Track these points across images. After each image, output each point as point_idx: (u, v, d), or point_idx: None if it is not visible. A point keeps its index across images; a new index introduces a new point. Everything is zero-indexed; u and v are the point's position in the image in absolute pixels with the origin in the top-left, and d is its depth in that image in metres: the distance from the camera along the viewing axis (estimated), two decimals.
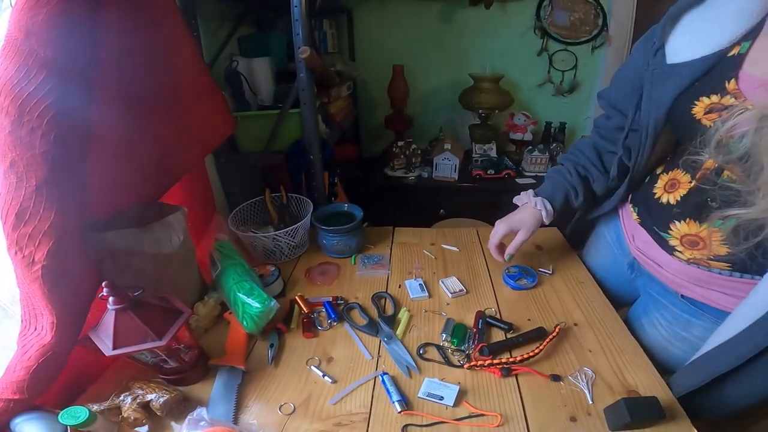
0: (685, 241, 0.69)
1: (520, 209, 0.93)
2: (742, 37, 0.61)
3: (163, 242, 0.76)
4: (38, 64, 0.51)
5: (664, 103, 0.68)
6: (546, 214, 0.88)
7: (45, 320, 0.58)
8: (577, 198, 0.89)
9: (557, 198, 0.90)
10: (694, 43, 0.65)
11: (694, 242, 0.67)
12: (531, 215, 0.89)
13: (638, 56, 0.76)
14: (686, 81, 0.65)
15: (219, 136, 1.10)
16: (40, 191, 0.54)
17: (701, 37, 0.64)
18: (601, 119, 0.90)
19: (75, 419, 0.54)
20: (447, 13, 2.07)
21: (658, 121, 0.70)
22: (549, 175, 0.94)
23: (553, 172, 0.93)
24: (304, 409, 0.67)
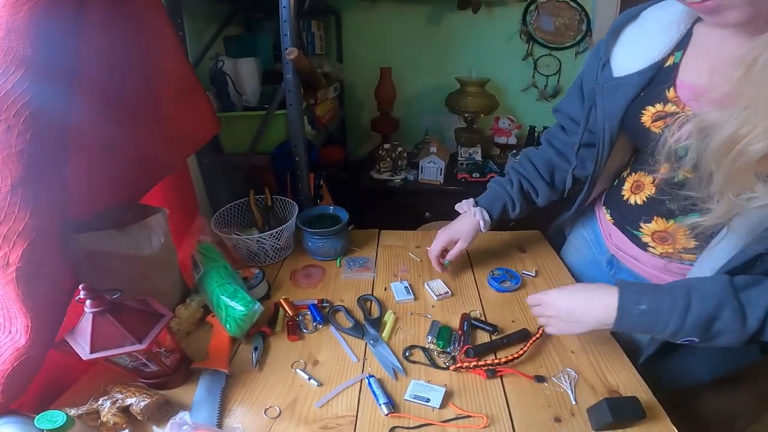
0: (656, 237, 0.72)
1: (459, 218, 0.96)
2: (674, 48, 0.66)
3: (143, 244, 0.74)
4: (17, 62, 0.50)
5: (616, 114, 0.71)
6: (483, 224, 0.92)
7: (20, 323, 0.56)
8: (514, 210, 0.94)
9: (495, 208, 0.94)
10: (634, 56, 0.69)
11: (664, 238, 0.71)
12: (469, 225, 0.93)
13: (588, 70, 0.80)
14: (632, 92, 0.69)
15: (202, 137, 1.09)
16: (15, 191, 0.52)
17: (639, 50, 0.69)
18: (557, 133, 0.93)
19: (52, 424, 0.52)
20: (435, 16, 2.09)
21: (612, 130, 0.74)
22: (490, 185, 0.98)
23: (494, 183, 0.97)
24: (290, 413, 0.66)
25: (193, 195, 1.14)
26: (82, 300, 0.59)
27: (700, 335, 0.56)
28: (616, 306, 0.61)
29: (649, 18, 0.70)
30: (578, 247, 1.02)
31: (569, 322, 0.67)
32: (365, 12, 2.10)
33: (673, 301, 0.57)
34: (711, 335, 0.56)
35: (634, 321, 0.60)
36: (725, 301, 0.54)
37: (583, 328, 0.66)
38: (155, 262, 0.77)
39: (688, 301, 0.56)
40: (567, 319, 0.67)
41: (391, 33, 2.14)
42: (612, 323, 0.62)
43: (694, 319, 0.56)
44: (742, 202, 0.50)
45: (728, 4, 0.49)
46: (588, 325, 0.65)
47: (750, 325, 0.53)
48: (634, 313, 0.60)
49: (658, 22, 0.68)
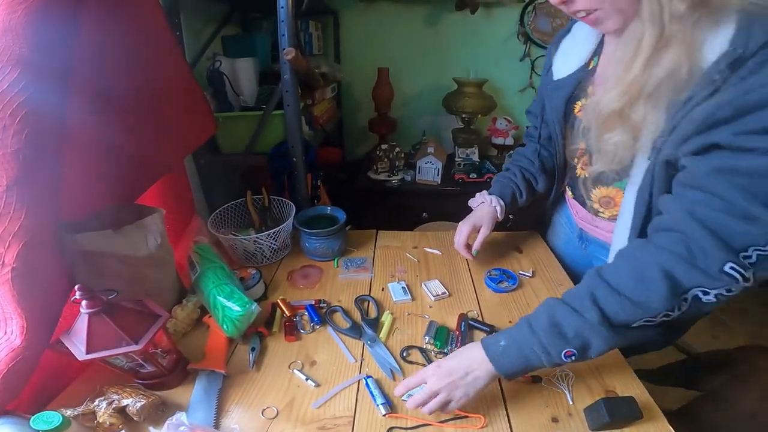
0: (602, 203, 0.84)
1: (476, 209, 1.03)
2: (593, 54, 0.80)
3: (139, 245, 0.74)
4: (13, 61, 0.50)
5: (559, 109, 0.86)
6: (500, 209, 0.99)
7: (15, 324, 0.56)
8: (521, 197, 1.03)
9: (506, 196, 1.02)
10: (567, 62, 0.84)
11: (607, 202, 0.83)
12: (488, 212, 1.00)
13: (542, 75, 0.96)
14: (568, 90, 0.83)
15: (199, 137, 1.09)
16: (11, 191, 0.52)
17: (570, 58, 0.84)
18: (532, 131, 1.04)
19: (48, 425, 0.52)
20: (433, 17, 2.09)
21: (560, 123, 0.88)
22: (497, 179, 1.07)
23: (500, 176, 1.07)
24: (287, 413, 0.66)
25: (190, 195, 1.13)
26: (77, 300, 0.59)
27: (567, 345, 0.60)
28: (483, 352, 0.64)
29: (577, 31, 0.85)
30: (557, 230, 1.13)
31: (461, 383, 0.63)
32: (363, 12, 2.10)
33: (519, 327, 0.64)
34: (576, 342, 0.60)
35: (507, 359, 0.63)
36: (554, 307, 0.63)
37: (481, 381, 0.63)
38: (151, 263, 0.77)
39: (528, 322, 0.64)
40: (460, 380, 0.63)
41: (388, 33, 2.14)
42: (491, 369, 0.63)
43: (542, 331, 0.61)
44: (606, 144, 0.66)
45: (604, 16, 0.61)
46: (479, 381, 0.63)
47: (590, 317, 0.59)
48: (499, 351, 0.63)
49: (582, 34, 0.82)
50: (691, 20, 0.53)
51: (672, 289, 0.57)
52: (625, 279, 0.60)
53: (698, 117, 0.54)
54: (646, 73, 0.57)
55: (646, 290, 0.58)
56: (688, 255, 0.56)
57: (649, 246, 0.61)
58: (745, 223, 0.52)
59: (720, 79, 0.52)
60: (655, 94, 0.58)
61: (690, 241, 0.56)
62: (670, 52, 0.55)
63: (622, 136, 0.64)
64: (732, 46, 0.51)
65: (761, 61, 0.50)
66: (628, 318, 0.60)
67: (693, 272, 0.55)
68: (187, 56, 1.21)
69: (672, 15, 0.53)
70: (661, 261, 0.58)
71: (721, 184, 0.53)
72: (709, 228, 0.54)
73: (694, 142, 0.55)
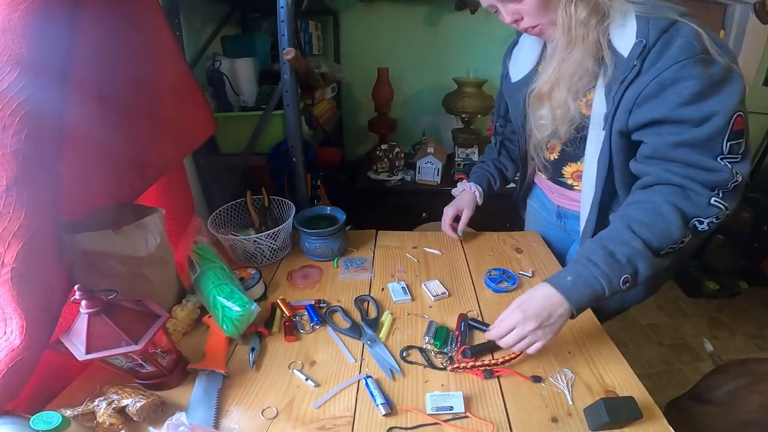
0: (574, 177, 0.97)
1: (459, 196, 1.18)
2: (539, 59, 0.94)
3: (139, 245, 0.74)
4: (12, 61, 0.50)
5: (520, 107, 0.98)
6: (479, 194, 1.15)
7: (15, 324, 0.56)
8: (495, 183, 1.22)
9: (482, 183, 1.18)
10: (520, 67, 0.99)
11: (579, 175, 0.94)
12: (469, 197, 1.15)
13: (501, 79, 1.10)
14: (525, 90, 0.93)
15: (199, 137, 1.09)
16: (10, 191, 0.52)
17: (522, 63, 0.98)
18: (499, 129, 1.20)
19: (47, 425, 0.52)
20: (432, 17, 2.09)
21: (521, 119, 1.00)
22: (473, 171, 1.24)
23: (476, 167, 1.25)
24: (287, 413, 0.66)
25: (190, 195, 1.13)
26: (77, 301, 0.58)
27: (623, 270, 0.70)
28: (555, 292, 0.71)
29: (524, 41, 0.99)
30: (535, 218, 1.24)
31: (547, 324, 0.69)
32: (363, 12, 2.10)
33: (578, 263, 0.73)
34: (628, 266, 0.70)
35: (576, 292, 0.70)
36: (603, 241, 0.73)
37: (562, 320, 0.70)
38: (151, 263, 0.77)
39: (585, 256, 0.72)
40: (546, 320, 0.69)
41: (388, 33, 2.14)
42: (567, 306, 0.70)
43: (601, 261, 0.70)
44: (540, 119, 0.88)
45: (544, 28, 0.79)
46: (561, 319, 0.70)
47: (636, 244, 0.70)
48: (569, 286, 0.71)
49: (528, 44, 0.97)
50: (593, 24, 0.73)
51: (682, 218, 0.70)
52: (646, 215, 0.72)
53: (631, 94, 0.71)
54: (561, 67, 0.78)
55: (665, 221, 0.70)
56: (683, 194, 0.71)
57: (654, 192, 0.74)
58: (707, 173, 0.69)
59: (638, 64, 0.69)
60: (571, 82, 0.79)
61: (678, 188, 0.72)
62: (576, 51, 0.75)
63: (546, 111, 0.86)
64: (638, 39, 0.69)
65: (660, 48, 0.68)
66: (660, 244, 0.71)
67: (692, 205, 0.70)
68: (187, 56, 1.21)
69: (577, 21, 0.72)
70: (668, 198, 0.71)
71: (680, 153, 0.70)
72: (688, 177, 0.70)
73: (637, 115, 0.72)
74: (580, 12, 0.72)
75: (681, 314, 2.20)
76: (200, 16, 1.36)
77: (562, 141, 0.92)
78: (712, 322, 2.15)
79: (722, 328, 2.12)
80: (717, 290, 2.26)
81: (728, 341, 2.03)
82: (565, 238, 1.14)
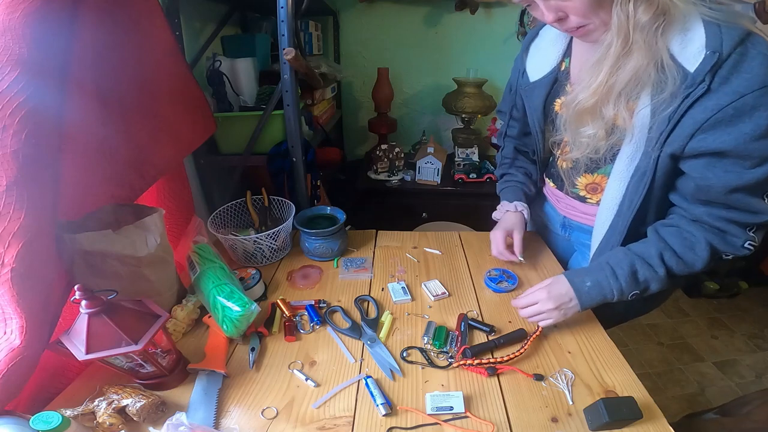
0: (588, 189, 0.91)
1: (503, 218, 1.06)
2: (563, 55, 0.87)
3: (139, 245, 0.74)
4: (12, 62, 0.50)
5: (538, 108, 0.92)
6: (527, 212, 1.05)
7: (15, 324, 0.56)
8: (530, 191, 1.11)
9: (521, 197, 1.08)
10: (540, 65, 0.90)
11: (594, 188, 0.90)
12: (516, 217, 1.04)
13: (513, 77, 1.02)
14: (545, 90, 0.89)
15: (199, 137, 1.08)
16: (10, 191, 0.52)
17: (542, 61, 0.90)
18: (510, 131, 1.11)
19: (47, 425, 0.52)
20: (433, 17, 2.09)
21: (539, 121, 0.94)
22: (503, 188, 1.12)
23: (503, 183, 1.13)
24: (287, 414, 0.66)
25: (189, 195, 1.13)
26: (77, 301, 0.58)
27: (637, 288, 0.76)
28: (572, 290, 0.78)
29: (544, 35, 0.91)
30: (536, 224, 1.21)
31: (562, 309, 0.79)
32: (363, 12, 2.10)
33: (603, 272, 0.78)
34: (642, 285, 0.76)
35: (589, 297, 0.78)
36: (633, 259, 0.76)
37: (571, 311, 0.79)
38: (151, 263, 0.77)
39: (611, 268, 0.77)
40: (562, 306, 0.79)
41: (388, 33, 2.14)
42: (578, 304, 0.78)
43: (623, 278, 0.75)
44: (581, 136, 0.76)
45: (593, 29, 0.68)
46: (570, 311, 0.79)
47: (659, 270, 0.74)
48: (585, 290, 0.78)
49: (550, 38, 0.88)
50: (653, 28, 0.62)
51: (712, 256, 0.73)
52: (681, 247, 0.74)
53: (699, 116, 0.63)
54: (613, 76, 0.67)
55: (695, 257, 0.73)
56: (722, 237, 0.72)
57: (696, 225, 0.73)
58: (752, 216, 0.68)
59: (708, 80, 0.61)
60: (624, 93, 0.68)
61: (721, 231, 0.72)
62: (633, 58, 0.64)
63: (595, 129, 0.74)
64: (708, 50, 0.60)
65: (734, 64, 0.59)
66: (680, 272, 0.75)
67: (726, 245, 0.72)
68: (187, 56, 1.21)
69: (636, 24, 0.62)
70: (708, 238, 0.72)
71: (734, 198, 0.67)
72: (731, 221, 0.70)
73: (699, 141, 0.64)
74: (642, 13, 0.61)
75: (681, 314, 2.21)
76: (200, 16, 1.36)
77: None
78: (712, 322, 2.15)
79: (722, 328, 2.12)
80: (717, 290, 2.26)
81: (728, 341, 2.03)
82: (567, 247, 1.11)
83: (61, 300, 0.65)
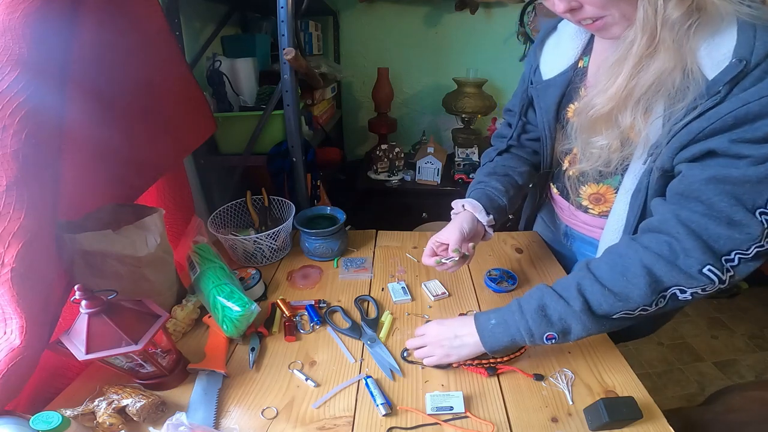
0: (592, 199, 0.84)
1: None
2: (582, 53, 0.79)
3: (139, 245, 0.74)
4: (12, 62, 0.50)
5: (550, 110, 0.84)
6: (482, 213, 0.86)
7: (15, 324, 0.56)
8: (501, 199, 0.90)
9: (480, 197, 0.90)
10: (556, 61, 0.82)
11: (598, 199, 0.83)
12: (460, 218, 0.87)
13: (526, 73, 0.92)
14: (559, 91, 0.81)
15: (199, 137, 1.08)
16: (10, 191, 0.52)
17: (558, 56, 0.82)
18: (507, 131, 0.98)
19: (47, 425, 0.52)
20: (433, 17, 2.09)
21: (550, 124, 0.86)
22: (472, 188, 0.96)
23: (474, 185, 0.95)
24: (287, 413, 0.66)
25: (189, 195, 1.13)
26: (77, 301, 0.58)
27: (550, 328, 0.65)
28: (474, 330, 0.70)
29: (562, 29, 0.82)
30: (541, 229, 1.17)
31: (452, 345, 0.71)
32: (363, 12, 2.10)
33: (510, 308, 0.69)
34: (558, 325, 0.65)
35: (495, 336, 0.69)
36: (544, 292, 0.67)
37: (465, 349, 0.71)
38: (151, 263, 0.77)
39: (518, 305, 0.68)
40: (448, 341, 0.72)
41: (388, 33, 2.14)
42: (481, 342, 0.69)
43: (530, 314, 0.66)
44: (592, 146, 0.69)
45: (612, 22, 0.60)
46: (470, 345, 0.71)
47: (573, 304, 0.63)
48: (489, 328, 0.69)
49: (569, 33, 0.80)
50: (685, 27, 0.54)
51: (651, 286, 0.60)
52: (609, 272, 0.63)
53: (695, 127, 0.56)
54: (634, 79, 0.58)
55: (628, 284, 0.61)
56: (670, 255, 0.59)
57: (635, 244, 0.63)
58: (729, 228, 0.55)
59: (725, 91, 0.53)
60: (643, 100, 0.60)
61: (674, 242, 0.59)
62: (658, 59, 0.56)
63: (608, 140, 0.66)
64: (735, 57, 0.52)
65: (762, 73, 0.51)
66: (610, 309, 0.63)
67: (673, 271, 0.58)
68: (187, 56, 1.21)
69: (665, 21, 0.53)
70: (644, 259, 0.60)
71: (712, 191, 0.55)
72: (693, 231, 0.57)
73: (691, 149, 0.57)
74: (672, 9, 0.52)
75: (681, 314, 2.20)
76: (200, 16, 1.36)
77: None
78: (712, 322, 2.15)
79: (722, 328, 2.12)
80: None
81: (728, 341, 2.03)
82: (569, 255, 1.06)
83: (61, 300, 0.65)
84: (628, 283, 0.61)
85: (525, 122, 0.95)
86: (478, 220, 0.86)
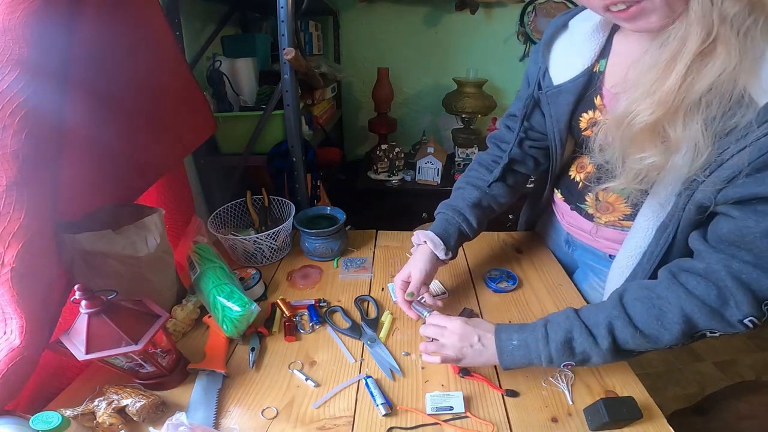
0: (599, 208, 0.80)
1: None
2: (599, 55, 0.71)
3: (139, 245, 0.74)
4: (12, 62, 0.50)
5: (562, 118, 0.77)
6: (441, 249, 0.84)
7: (14, 324, 0.56)
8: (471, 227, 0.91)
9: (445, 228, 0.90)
10: (569, 64, 0.74)
11: (606, 207, 0.78)
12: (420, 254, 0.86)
13: (531, 74, 0.85)
14: (572, 97, 0.74)
15: (199, 137, 1.09)
16: (10, 191, 0.52)
17: (571, 59, 0.74)
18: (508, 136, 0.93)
19: (47, 424, 0.52)
20: (433, 17, 2.09)
21: (561, 133, 0.80)
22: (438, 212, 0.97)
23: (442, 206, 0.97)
24: (287, 413, 0.66)
25: (189, 195, 1.13)
26: (77, 301, 0.58)
27: (571, 359, 0.63)
28: (495, 349, 0.67)
29: (575, 28, 0.75)
30: (543, 234, 1.15)
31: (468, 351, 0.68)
32: (363, 12, 2.10)
33: (535, 332, 0.65)
34: (579, 357, 0.63)
35: (513, 357, 0.66)
36: (573, 324, 0.63)
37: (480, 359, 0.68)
38: (151, 263, 0.77)
39: (545, 331, 0.65)
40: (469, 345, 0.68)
41: (388, 34, 2.14)
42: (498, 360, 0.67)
43: (555, 344, 0.63)
44: (636, 163, 0.58)
45: (651, 9, 0.51)
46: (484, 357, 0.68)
47: (601, 343, 0.61)
48: (509, 349, 0.66)
49: (583, 32, 0.72)
50: (743, 27, 0.46)
51: (686, 332, 0.58)
52: (645, 315, 0.60)
53: (740, 160, 0.49)
54: (687, 82, 0.50)
55: (662, 329, 0.59)
56: (718, 303, 0.55)
57: (678, 289, 0.58)
58: None
59: None
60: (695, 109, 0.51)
61: (723, 292, 0.54)
62: (716, 62, 0.48)
63: (654, 158, 0.56)
64: None
65: None
66: (635, 347, 0.62)
67: (714, 319, 0.56)
68: (187, 56, 1.21)
69: (721, 16, 0.46)
70: (685, 307, 0.57)
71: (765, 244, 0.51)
72: (744, 282, 0.53)
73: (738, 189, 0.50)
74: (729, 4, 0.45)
75: None
76: (200, 16, 1.36)
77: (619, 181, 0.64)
78: None
79: None
80: None
81: (728, 341, 2.02)
82: (571, 262, 1.03)
83: (61, 300, 0.65)
84: (662, 328, 0.59)
85: (528, 128, 0.89)
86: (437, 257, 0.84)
